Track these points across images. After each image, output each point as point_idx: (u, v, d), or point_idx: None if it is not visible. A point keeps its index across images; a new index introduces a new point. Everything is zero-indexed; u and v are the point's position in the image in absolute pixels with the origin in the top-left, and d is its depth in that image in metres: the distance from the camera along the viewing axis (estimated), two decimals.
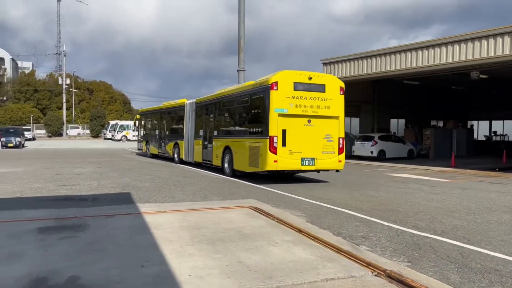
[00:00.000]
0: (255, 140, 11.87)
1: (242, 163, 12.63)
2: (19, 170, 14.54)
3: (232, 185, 11.34)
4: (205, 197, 9.10)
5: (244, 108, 13.48)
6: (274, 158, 10.99)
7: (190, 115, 17.64)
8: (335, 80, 12.17)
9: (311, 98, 11.35)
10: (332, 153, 11.68)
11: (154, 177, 13.04)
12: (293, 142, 11.21)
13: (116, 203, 8.19)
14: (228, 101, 14.66)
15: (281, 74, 11.34)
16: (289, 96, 11.17)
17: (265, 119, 11.30)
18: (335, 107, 11.68)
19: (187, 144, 17.70)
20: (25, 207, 7.66)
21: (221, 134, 14.72)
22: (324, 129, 11.60)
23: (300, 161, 11.30)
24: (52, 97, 69.19)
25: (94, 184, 11.13)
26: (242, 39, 45.55)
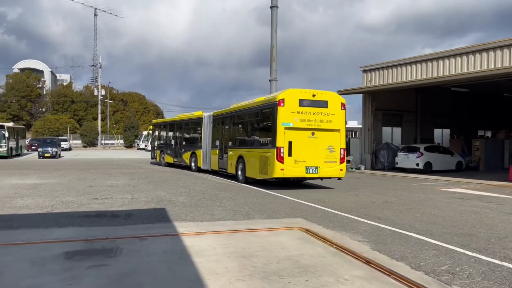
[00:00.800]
0: (264, 151, 13.09)
1: (253, 171, 13.79)
2: (53, 181, 14.18)
3: (274, 200, 10.41)
4: (247, 215, 8.21)
5: (255, 121, 14.83)
6: (281, 167, 12.20)
7: (207, 127, 18.67)
8: (337, 97, 13.30)
9: (315, 113, 12.57)
10: (334, 162, 12.84)
11: (189, 190, 12.30)
12: (298, 152, 12.39)
13: (151, 221, 7.42)
14: (241, 115, 15.88)
15: (288, 92, 12.66)
16: (295, 111, 12.38)
17: (273, 131, 12.53)
18: (336, 121, 12.88)
19: (205, 153, 18.75)
20: (54, 224, 7.00)
21: (235, 144, 15.80)
22: (326, 140, 12.76)
23: (305, 170, 12.47)
24: (88, 108, 70.83)
25: (128, 197, 10.48)
26: (274, 49, 44.78)
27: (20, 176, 15.81)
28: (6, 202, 9.38)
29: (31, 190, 11.71)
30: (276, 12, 43.58)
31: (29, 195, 10.57)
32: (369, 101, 22.97)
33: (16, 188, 12.13)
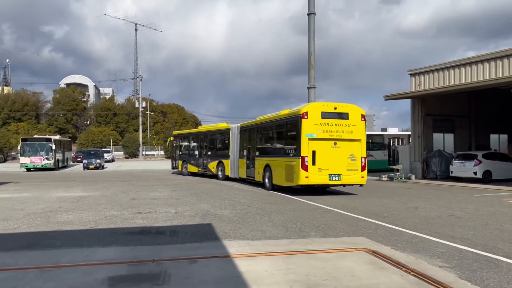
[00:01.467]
0: (290, 160, 13.84)
1: (280, 179, 14.60)
2: (96, 194, 14.06)
3: (326, 215, 9.62)
4: (301, 232, 7.49)
5: (281, 133, 15.52)
6: (305, 175, 12.92)
7: (235, 138, 19.46)
8: (357, 109, 13.86)
9: (336, 124, 13.30)
10: (356, 170, 13.46)
11: (233, 202, 11.74)
12: (321, 161, 13.11)
13: (198, 239, 6.86)
14: (267, 126, 16.75)
15: (311, 106, 13.86)
16: (317, 123, 13.15)
17: (298, 142, 13.29)
18: (357, 132, 13.53)
19: (233, 162, 19.56)
20: (98, 243, 6.59)
21: (262, 154, 16.64)
22: (348, 150, 13.41)
23: (328, 177, 13.15)
24: (130, 120, 72.61)
25: (171, 211, 10.03)
26: (312, 56, 43.81)
27: (66, 189, 15.87)
28: (51, 217, 9.16)
29: (75, 203, 11.55)
30: (314, 19, 42.72)
31: (73, 209, 10.36)
32: (418, 106, 21.67)
33: (61, 201, 12.02)
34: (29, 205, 11.14)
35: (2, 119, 63.86)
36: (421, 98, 21.33)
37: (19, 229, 7.86)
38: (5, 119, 64.06)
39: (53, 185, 17.82)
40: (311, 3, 42.08)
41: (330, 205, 11.14)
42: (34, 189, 15.72)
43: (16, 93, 72.00)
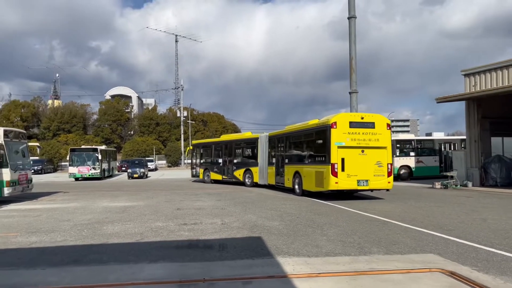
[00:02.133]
0: (320, 167, 14.50)
1: (310, 184, 15.30)
2: (141, 204, 13.96)
3: (385, 227, 8.84)
4: (361, 248, 6.80)
5: (310, 141, 16.18)
6: (335, 180, 13.62)
7: (264, 147, 20.34)
8: (383, 118, 14.58)
9: (363, 133, 13.96)
10: (382, 176, 14.07)
11: (281, 213, 11.17)
12: (350, 167, 13.75)
13: (249, 255, 6.36)
14: (296, 135, 17.40)
15: (339, 116, 14.27)
16: (346, 132, 13.82)
17: (327, 150, 13.95)
18: (383, 140, 14.15)
19: (262, 169, 20.47)
20: (145, 258, 6.24)
21: (291, 162, 17.38)
22: (375, 157, 14.03)
23: (356, 182, 13.76)
24: (171, 129, 73.96)
25: (218, 222, 9.62)
26: (353, 60, 42.52)
27: (111, 198, 15.94)
28: (97, 229, 8.99)
29: (121, 214, 11.42)
30: (354, 23, 41.55)
31: (119, 220, 10.19)
32: (474, 108, 20.23)
33: (107, 211, 11.95)
34: (76, 216, 11.11)
35: (52, 131, 66.88)
36: (477, 99, 19.89)
37: (66, 241, 7.70)
38: (55, 131, 67.04)
39: (99, 194, 18.02)
40: (351, 6, 40.96)
41: (384, 216, 10.33)
42: (81, 199, 15.89)
43: (65, 106, 75.34)
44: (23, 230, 9.05)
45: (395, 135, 31.31)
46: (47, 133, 66.76)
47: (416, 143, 26.12)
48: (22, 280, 5.22)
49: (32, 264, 6.02)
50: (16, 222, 10.20)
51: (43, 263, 6.04)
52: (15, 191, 15.06)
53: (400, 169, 24.94)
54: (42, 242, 7.68)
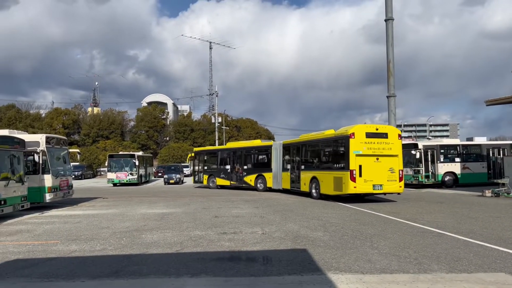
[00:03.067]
0: (339, 173, 15.79)
1: (328, 189, 16.56)
2: (179, 210, 13.77)
3: (440, 240, 8.12)
4: (419, 264, 6.18)
5: (329, 150, 17.59)
6: (354, 185, 14.97)
7: (278, 154, 21.44)
8: (394, 129, 16.39)
9: (378, 142, 15.37)
10: (395, 181, 15.45)
11: (323, 222, 10.62)
12: (366, 173, 15.10)
13: (297, 270, 5.89)
14: (313, 144, 18.68)
15: (356, 127, 15.54)
16: (362, 142, 15.17)
17: (346, 158, 15.31)
18: (395, 148, 15.62)
19: (275, 175, 21.62)
20: (186, 271, 5.90)
21: (308, 167, 18.62)
22: (388, 164, 15.45)
23: (372, 187, 15.17)
24: (206, 135, 74.53)
25: (258, 232, 9.21)
26: (391, 63, 41.21)
27: (149, 205, 15.88)
28: (136, 237, 8.79)
29: (159, 221, 11.23)
30: (392, 25, 40.28)
31: (157, 228, 9.97)
32: None
33: (145, 219, 11.80)
34: (115, 223, 11.01)
35: (92, 137, 68.95)
36: None
37: (105, 250, 7.50)
38: (94, 137, 69.07)
39: (137, 200, 18.05)
40: (389, 8, 39.77)
41: (437, 227, 9.57)
42: (120, 205, 15.93)
43: (104, 113, 77.55)
44: (63, 237, 8.98)
45: (438, 140, 29.90)
46: (87, 139, 68.87)
47: (462, 148, 24.75)
48: None
49: (71, 275, 5.81)
50: (56, 229, 10.20)
51: (83, 275, 5.82)
52: (56, 197, 15.28)
53: (445, 175, 23.68)
54: (82, 251, 7.52)
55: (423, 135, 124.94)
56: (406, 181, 23.97)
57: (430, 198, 17.38)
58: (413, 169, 23.72)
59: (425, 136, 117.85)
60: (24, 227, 10.67)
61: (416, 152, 23.16)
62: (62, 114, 71.25)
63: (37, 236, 9.24)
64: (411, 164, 23.91)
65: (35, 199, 14.37)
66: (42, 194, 14.61)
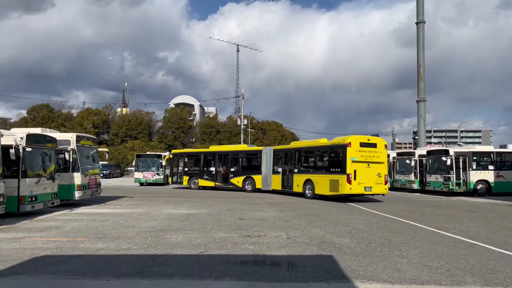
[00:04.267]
0: (335, 176, 18.06)
1: (323, 190, 18.85)
2: (203, 211, 13.80)
3: (473, 250, 7.76)
4: (451, 276, 5.91)
5: (325, 156, 19.70)
6: (349, 187, 17.31)
7: (268, 157, 23.31)
8: (382, 140, 19.19)
9: (369, 151, 17.93)
10: (381, 184, 17.99)
11: (350, 228, 10.38)
12: (359, 177, 17.45)
13: (322, 277, 5.74)
14: (309, 150, 21.11)
15: (353, 138, 18.14)
16: (357, 150, 17.67)
17: (343, 163, 17.66)
18: (382, 157, 18.25)
19: (265, 177, 23.43)
20: (210, 274, 5.85)
21: (302, 171, 20.88)
22: (376, 169, 17.92)
23: (364, 189, 17.59)
24: (231, 137, 74.84)
25: (283, 236, 9.08)
26: (421, 67, 40.18)
27: (174, 205, 16.00)
28: (161, 237, 8.83)
29: (184, 222, 11.26)
30: (423, 28, 39.25)
31: (182, 229, 10.00)
32: None
33: (170, 219, 11.87)
34: (141, 222, 11.12)
35: (120, 137, 70.45)
36: None
37: (131, 250, 7.56)
38: (123, 137, 70.54)
39: (162, 200, 18.23)
40: (420, 11, 38.75)
41: (469, 237, 9.17)
42: (146, 205, 16.12)
43: (133, 114, 79.13)
44: (91, 235, 9.12)
45: (470, 147, 28.92)
46: (116, 139, 70.41)
47: (496, 155, 23.79)
48: None
49: (97, 274, 5.86)
50: (84, 226, 10.38)
51: (108, 273, 5.86)
52: (85, 195, 15.61)
53: (477, 184, 22.80)
54: (108, 249, 7.60)
55: (454, 141, 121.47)
56: (435, 188, 23.38)
57: (461, 207, 16.77)
58: (443, 176, 22.95)
59: (456, 142, 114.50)
60: (54, 224, 10.92)
61: (447, 159, 22.41)
62: (93, 114, 73.13)
63: (65, 233, 9.43)
64: (441, 171, 23.16)
65: (65, 197, 14.72)
66: (72, 191, 14.95)
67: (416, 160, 25.88)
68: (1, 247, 7.82)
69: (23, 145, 11.85)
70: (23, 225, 10.79)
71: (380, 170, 18.04)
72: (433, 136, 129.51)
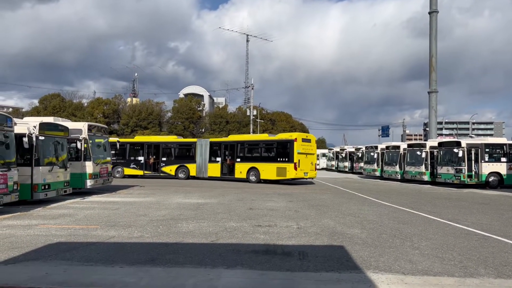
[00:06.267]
0: (283, 164, 22.89)
1: (269, 175, 23.50)
2: (213, 201, 13.86)
3: (486, 243, 7.68)
4: (464, 268, 5.87)
5: (271, 148, 24.26)
6: (295, 173, 22.42)
7: (203, 148, 26.38)
8: (313, 137, 25.29)
9: (307, 145, 23.44)
10: (313, 170, 23.95)
11: (360, 219, 10.35)
12: (301, 165, 22.70)
13: (334, 267, 5.73)
14: (253, 143, 25.37)
15: (297, 134, 23.92)
16: (300, 144, 22.81)
17: (291, 155, 22.60)
18: (313, 150, 24.39)
19: (200, 166, 26.39)
20: (222, 262, 5.88)
21: (246, 160, 24.72)
22: (310, 159, 23.64)
23: (303, 174, 22.96)
24: (240, 128, 74.84)
25: (293, 226, 9.09)
26: (434, 57, 39.54)
27: (185, 195, 16.09)
28: (172, 225, 8.90)
29: (195, 211, 11.33)
30: (436, 18, 38.53)
31: (193, 218, 10.06)
32: None
33: (181, 208, 11.95)
34: (152, 211, 11.21)
35: (130, 127, 70.87)
36: None
37: (143, 238, 7.62)
38: (133, 127, 70.96)
39: (173, 190, 18.35)
40: (433, 0, 37.99)
41: (482, 229, 9.09)
42: (156, 194, 16.24)
43: (142, 104, 79.45)
44: (103, 223, 9.22)
45: (482, 138, 28.54)
46: (126, 128, 70.84)
47: (509, 147, 23.45)
48: (100, 278, 5.09)
49: (110, 261, 5.92)
50: (96, 215, 10.50)
51: (121, 261, 5.92)
52: (96, 183, 15.77)
53: (489, 176, 22.56)
54: (120, 237, 7.68)
55: (465, 133, 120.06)
56: (446, 180, 23.19)
57: (473, 199, 16.62)
58: (454, 168, 22.73)
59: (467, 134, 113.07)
60: (66, 212, 11.06)
61: (459, 151, 22.16)
62: (103, 104, 73.59)
63: (78, 221, 9.55)
64: (453, 162, 22.95)
65: (77, 185, 14.89)
66: (84, 180, 15.12)
67: (427, 152, 25.64)
68: (16, 234, 7.95)
69: (36, 134, 11.98)
70: (37, 212, 10.95)
71: (312, 160, 23.88)
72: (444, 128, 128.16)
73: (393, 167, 29.11)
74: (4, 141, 10.76)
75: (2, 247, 6.79)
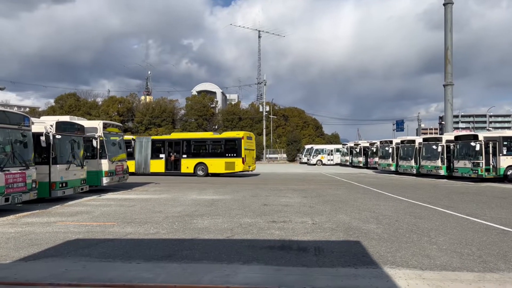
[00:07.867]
0: (231, 159, 25.64)
1: (217, 169, 26.08)
2: (228, 197, 13.91)
3: (506, 237, 7.53)
4: (483, 262, 5.77)
5: (219, 145, 26.70)
6: (242, 166, 25.39)
7: (143, 146, 27.55)
8: (253, 134, 30.13)
9: (249, 142, 26.96)
10: (253, 164, 27.74)
11: (376, 214, 10.26)
12: (247, 160, 25.91)
13: (351, 262, 5.70)
14: (200, 141, 27.35)
15: (243, 133, 26.53)
16: (245, 141, 25.84)
17: (239, 150, 25.53)
18: (254, 146, 28.51)
19: (140, 162, 27.47)
20: (238, 258, 5.90)
21: (193, 156, 26.75)
22: (251, 154, 27.48)
23: (248, 167, 26.35)
24: (253, 124, 74.90)
25: (308, 222, 9.06)
26: (449, 50, 38.91)
27: (199, 191, 16.19)
28: (188, 222, 8.96)
29: (209, 207, 11.39)
30: (451, 9, 37.87)
31: (208, 214, 10.11)
32: None
33: (196, 204, 12.03)
34: (167, 208, 11.31)
35: (144, 125, 71.53)
36: None
37: (159, 234, 7.70)
38: (147, 125, 71.62)
39: (187, 186, 18.47)
40: None
41: (501, 224, 8.93)
42: (171, 191, 16.37)
43: (156, 102, 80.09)
44: (119, 219, 9.34)
45: (500, 131, 28.01)
46: (140, 126, 71.52)
47: None
48: (118, 274, 5.16)
49: (127, 257, 6.00)
50: (113, 211, 10.63)
51: (138, 257, 5.99)
52: (112, 181, 15.96)
53: (507, 169, 22.11)
54: (136, 233, 7.77)
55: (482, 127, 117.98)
56: (463, 174, 22.81)
57: (491, 193, 16.33)
58: (471, 161, 22.35)
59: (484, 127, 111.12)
60: (84, 209, 11.23)
61: (476, 144, 21.78)
62: (117, 102, 74.37)
63: (95, 218, 9.68)
64: (470, 156, 22.56)
65: (93, 183, 15.09)
66: (100, 177, 15.31)
67: (443, 146, 25.25)
68: (35, 231, 8.10)
69: (53, 133, 12.17)
70: (55, 210, 11.14)
71: (253, 155, 27.97)
72: (461, 121, 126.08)
73: (408, 161, 28.75)
74: (22, 140, 10.96)
75: (22, 244, 6.93)
